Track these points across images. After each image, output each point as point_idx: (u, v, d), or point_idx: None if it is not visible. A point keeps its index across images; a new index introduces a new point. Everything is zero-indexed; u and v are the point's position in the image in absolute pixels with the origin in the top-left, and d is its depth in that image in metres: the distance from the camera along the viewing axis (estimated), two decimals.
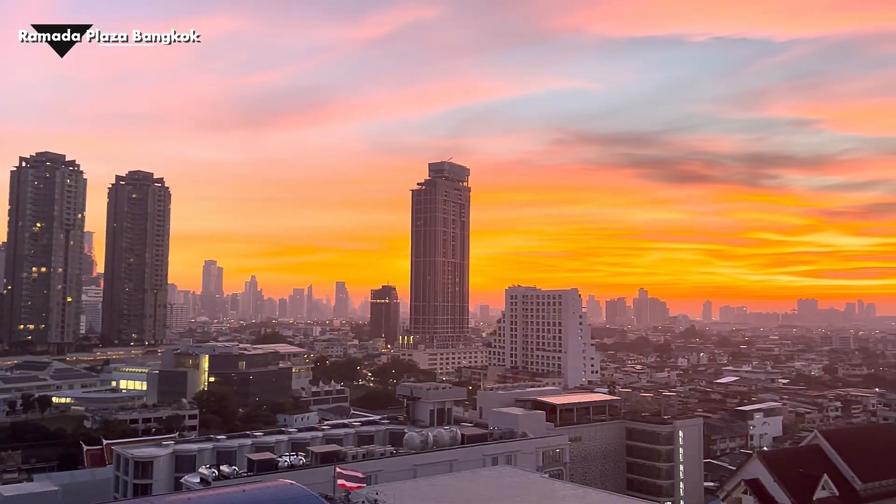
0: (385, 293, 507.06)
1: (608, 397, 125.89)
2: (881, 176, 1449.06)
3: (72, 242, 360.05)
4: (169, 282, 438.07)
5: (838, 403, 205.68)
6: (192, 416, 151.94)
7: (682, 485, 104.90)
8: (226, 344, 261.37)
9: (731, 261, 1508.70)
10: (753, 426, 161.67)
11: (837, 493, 69.58)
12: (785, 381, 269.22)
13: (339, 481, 48.92)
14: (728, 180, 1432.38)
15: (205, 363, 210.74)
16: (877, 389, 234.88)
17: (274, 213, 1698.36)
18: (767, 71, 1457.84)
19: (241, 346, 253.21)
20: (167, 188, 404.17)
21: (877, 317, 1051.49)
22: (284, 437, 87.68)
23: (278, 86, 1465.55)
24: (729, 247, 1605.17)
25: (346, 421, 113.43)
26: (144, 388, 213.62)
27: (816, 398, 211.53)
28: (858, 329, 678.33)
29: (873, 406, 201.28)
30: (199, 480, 64.47)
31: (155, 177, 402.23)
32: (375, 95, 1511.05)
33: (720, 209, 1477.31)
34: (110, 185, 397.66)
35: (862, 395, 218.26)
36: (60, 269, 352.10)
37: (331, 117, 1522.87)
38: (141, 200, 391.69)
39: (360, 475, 50.10)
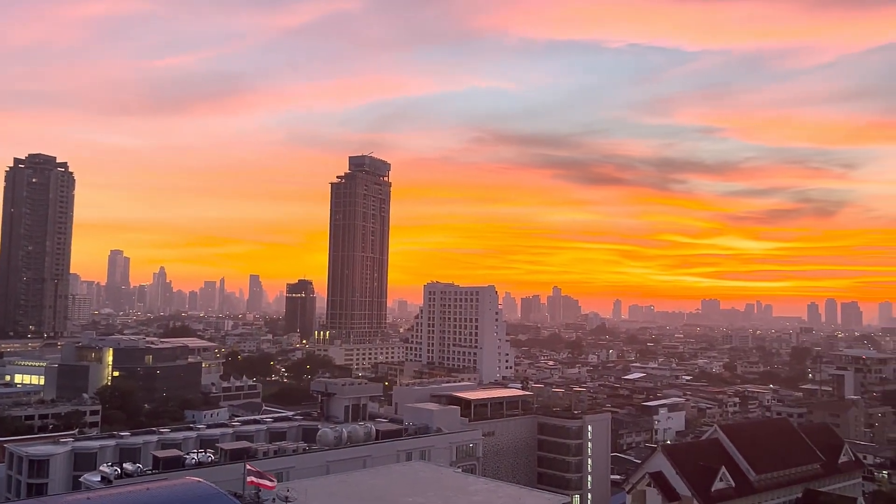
0: (301, 287, 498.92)
1: (521, 393, 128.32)
2: (780, 184, 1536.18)
3: None
4: (71, 271, 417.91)
5: (737, 399, 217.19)
6: (93, 412, 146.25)
7: (590, 478, 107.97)
8: (131, 337, 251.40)
9: (640, 261, 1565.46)
10: (658, 421, 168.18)
11: (734, 484, 73.36)
12: (688, 377, 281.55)
13: (249, 478, 47.94)
14: (639, 183, 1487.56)
15: (108, 357, 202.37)
16: (771, 386, 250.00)
17: (185, 203, 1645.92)
18: (677, 79, 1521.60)
19: (147, 339, 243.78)
20: (71, 173, 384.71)
21: (773, 317, 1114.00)
22: (192, 434, 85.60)
23: (191, 71, 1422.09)
24: (639, 248, 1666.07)
25: (257, 417, 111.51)
26: (42, 382, 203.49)
27: (717, 394, 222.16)
28: (757, 328, 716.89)
29: (768, 402, 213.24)
30: (99, 479, 61.88)
31: (58, 161, 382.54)
32: (293, 86, 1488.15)
33: (631, 211, 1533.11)
34: (8, 168, 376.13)
35: (758, 392, 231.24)
36: None
37: (246, 106, 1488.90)
38: (42, 185, 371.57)
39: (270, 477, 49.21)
